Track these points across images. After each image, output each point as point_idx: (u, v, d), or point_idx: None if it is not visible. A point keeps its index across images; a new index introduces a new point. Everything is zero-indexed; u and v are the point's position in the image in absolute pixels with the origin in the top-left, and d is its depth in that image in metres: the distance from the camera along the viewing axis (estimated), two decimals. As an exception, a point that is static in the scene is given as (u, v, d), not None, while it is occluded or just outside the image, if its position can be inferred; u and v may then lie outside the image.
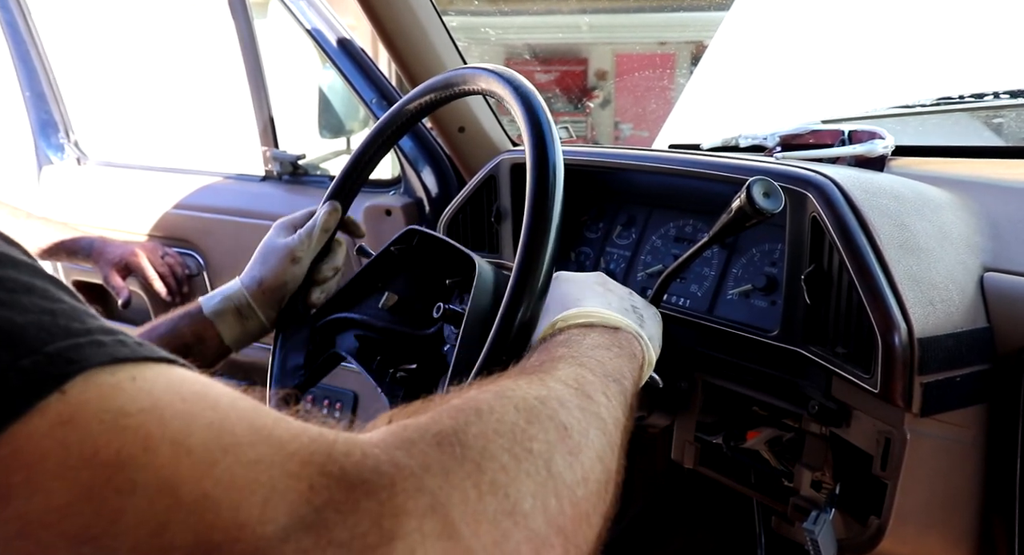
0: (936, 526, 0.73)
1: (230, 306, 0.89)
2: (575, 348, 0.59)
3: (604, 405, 0.52)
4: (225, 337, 0.88)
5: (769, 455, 0.95)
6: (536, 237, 0.63)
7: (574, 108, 4.96)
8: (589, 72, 5.28)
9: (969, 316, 0.71)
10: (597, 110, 5.07)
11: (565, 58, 5.34)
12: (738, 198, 0.70)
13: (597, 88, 5.15)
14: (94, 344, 0.31)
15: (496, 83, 0.74)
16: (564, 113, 4.91)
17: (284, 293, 0.90)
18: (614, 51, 5.34)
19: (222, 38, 1.68)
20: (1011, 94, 0.95)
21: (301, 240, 0.90)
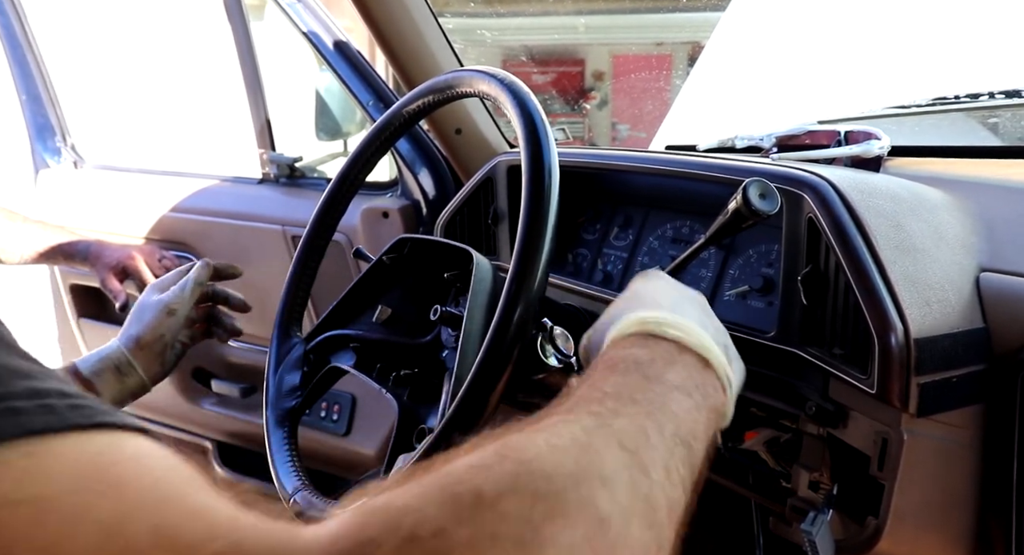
0: (933, 526, 0.73)
1: (108, 365, 0.94)
2: (652, 383, 0.46)
3: (661, 485, 0.40)
4: (104, 396, 0.90)
5: (767, 456, 0.95)
6: (532, 238, 0.63)
7: (571, 109, 4.97)
8: (586, 73, 5.29)
9: (965, 316, 0.71)
10: (594, 111, 5.07)
11: (562, 59, 5.35)
12: (734, 199, 0.70)
13: (594, 89, 5.16)
14: (7, 412, 0.27)
15: (492, 86, 0.74)
16: (561, 114, 4.92)
17: (163, 345, 0.96)
18: (611, 52, 5.34)
19: (218, 41, 1.68)
20: (1006, 94, 0.95)
21: (175, 294, 0.98)
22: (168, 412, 1.79)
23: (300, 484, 0.78)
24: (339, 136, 1.74)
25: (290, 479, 0.78)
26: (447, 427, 0.62)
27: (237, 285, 1.65)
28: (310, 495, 0.75)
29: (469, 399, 0.62)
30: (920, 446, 0.70)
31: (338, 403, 1.56)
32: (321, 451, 1.56)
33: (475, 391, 0.61)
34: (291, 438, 0.85)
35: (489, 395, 0.62)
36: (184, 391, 1.75)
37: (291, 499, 0.76)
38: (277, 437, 0.85)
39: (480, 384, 0.61)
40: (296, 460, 0.82)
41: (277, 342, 0.92)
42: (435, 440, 0.63)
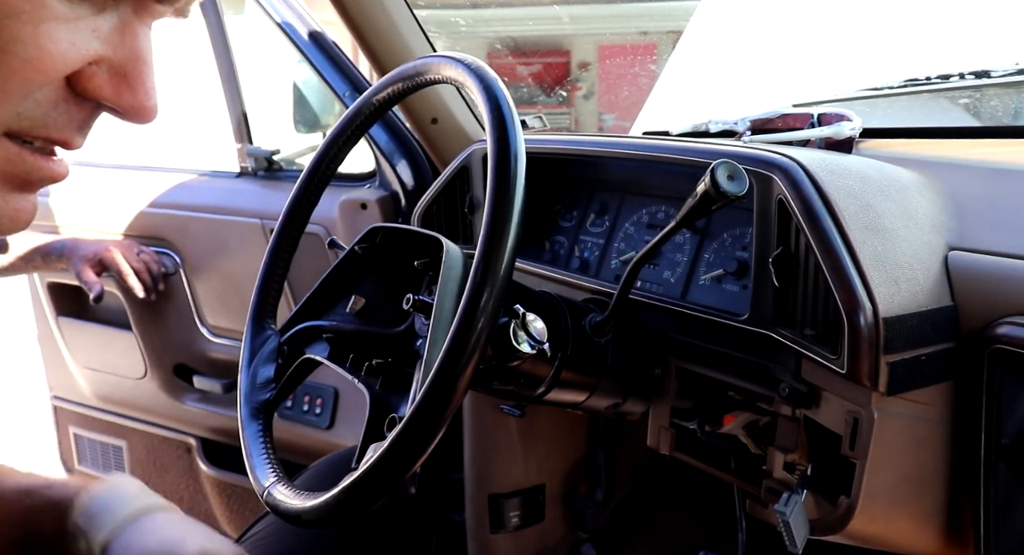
0: (905, 504, 0.74)
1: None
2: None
3: None
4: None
5: (747, 439, 0.96)
6: (498, 223, 0.62)
7: (558, 100, 4.96)
8: (572, 64, 5.28)
9: (934, 295, 0.71)
10: (581, 101, 5.06)
11: (548, 50, 5.34)
12: (703, 182, 0.70)
13: (580, 80, 5.15)
14: None
15: (460, 71, 0.73)
16: (548, 105, 4.91)
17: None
18: (597, 42, 5.34)
19: (193, 34, 1.66)
20: (976, 74, 0.95)
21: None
22: (151, 410, 1.78)
23: (275, 478, 0.77)
24: (318, 128, 1.73)
25: (264, 473, 0.78)
26: (415, 415, 0.62)
27: (215, 279, 1.65)
28: (284, 488, 0.75)
29: (437, 386, 0.61)
30: (891, 424, 0.70)
31: (321, 396, 1.56)
32: (304, 444, 1.56)
33: (442, 378, 0.61)
34: (266, 431, 0.84)
35: (457, 382, 0.61)
36: (166, 388, 1.75)
37: (265, 492, 0.75)
38: (252, 431, 0.84)
39: (447, 371, 0.61)
40: (271, 453, 0.81)
41: (251, 335, 0.91)
42: (403, 428, 0.63)
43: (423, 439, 0.62)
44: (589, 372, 0.89)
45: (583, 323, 0.88)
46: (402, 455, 0.63)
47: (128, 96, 0.40)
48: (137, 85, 0.41)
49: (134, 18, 0.40)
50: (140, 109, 0.41)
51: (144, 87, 0.41)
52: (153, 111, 0.42)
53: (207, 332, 1.70)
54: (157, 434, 1.82)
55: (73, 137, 0.41)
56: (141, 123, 0.42)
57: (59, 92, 0.39)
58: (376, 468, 0.64)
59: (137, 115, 0.41)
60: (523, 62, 5.11)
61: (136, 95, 0.41)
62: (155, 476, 1.87)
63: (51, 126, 0.40)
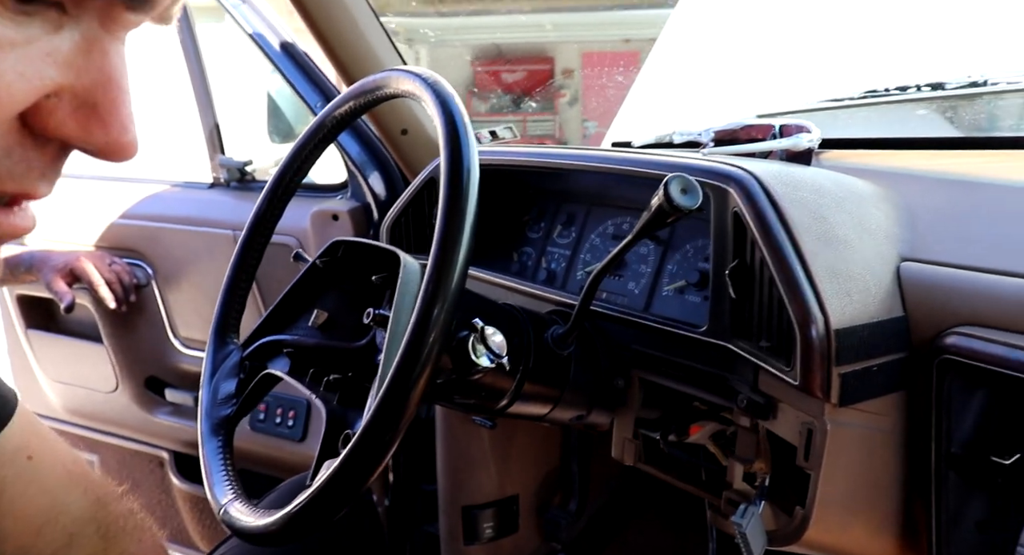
0: (860, 513, 0.74)
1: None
2: None
3: None
4: None
5: (715, 448, 0.96)
6: (449, 236, 0.63)
7: (542, 108, 4.98)
8: (556, 71, 5.30)
9: (885, 306, 0.72)
10: (565, 108, 5.09)
11: (532, 58, 5.36)
12: (657, 196, 0.71)
13: (564, 87, 5.17)
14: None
15: (417, 85, 0.74)
16: (533, 113, 4.93)
17: None
18: (580, 49, 5.36)
19: (165, 45, 1.66)
20: (931, 87, 0.97)
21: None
22: (122, 423, 1.76)
23: (233, 495, 0.76)
24: (292, 138, 1.72)
25: (222, 490, 0.77)
26: (366, 431, 0.62)
27: (188, 291, 1.64)
28: (242, 505, 0.74)
29: (388, 401, 0.61)
30: (844, 435, 0.71)
31: (294, 409, 1.55)
32: (278, 457, 1.55)
33: (394, 392, 0.61)
34: (226, 447, 0.84)
35: (409, 395, 0.61)
36: (138, 401, 1.73)
37: (222, 510, 0.75)
38: (211, 447, 0.83)
39: (399, 385, 0.61)
40: (230, 470, 0.81)
41: (213, 349, 0.91)
42: (355, 444, 0.62)
43: (375, 455, 0.62)
44: (552, 384, 0.89)
45: (545, 336, 0.88)
46: (354, 471, 0.63)
47: (99, 132, 0.33)
48: (110, 117, 0.33)
49: (101, 33, 0.33)
50: (115, 146, 0.34)
51: (119, 119, 0.33)
52: (132, 147, 0.35)
53: (179, 344, 1.69)
54: (129, 448, 1.80)
55: (36, 187, 0.34)
56: (118, 161, 0.35)
57: (11, 135, 0.32)
58: (328, 485, 0.63)
59: (113, 153, 0.34)
60: (507, 70, 5.12)
61: (109, 129, 0.33)
62: (127, 491, 1.84)
63: (5, 177, 0.33)
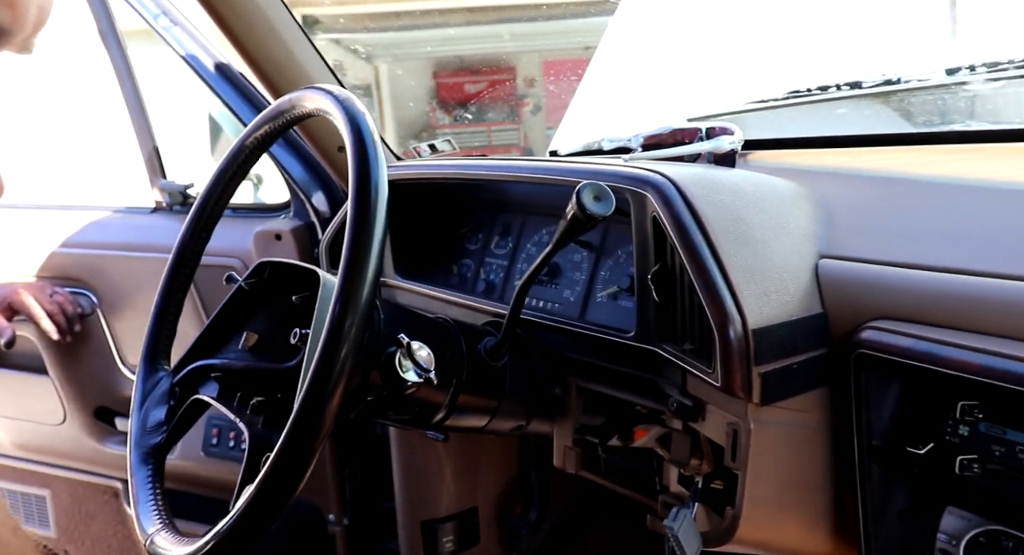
0: (790, 510, 0.75)
1: None
2: None
3: None
4: None
5: (663, 451, 0.96)
6: (357, 253, 0.62)
7: (505, 117, 4.99)
8: (518, 80, 5.31)
9: (804, 304, 0.73)
10: (529, 117, 5.10)
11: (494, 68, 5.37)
12: (571, 204, 0.71)
13: (527, 96, 5.19)
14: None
15: (326, 101, 0.73)
16: (496, 122, 4.94)
17: None
18: (542, 58, 5.39)
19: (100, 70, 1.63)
20: (850, 85, 0.98)
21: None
22: (73, 455, 1.72)
23: (160, 525, 0.75)
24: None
25: (149, 520, 0.76)
26: (281, 450, 0.61)
27: (134, 318, 1.61)
28: (167, 535, 0.73)
29: (302, 418, 0.61)
30: (769, 434, 0.71)
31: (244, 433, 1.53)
32: (231, 481, 1.52)
33: (307, 409, 0.60)
34: (155, 477, 0.82)
35: (323, 411, 0.61)
36: (88, 432, 1.69)
37: (148, 540, 0.73)
38: (140, 476, 0.82)
39: (311, 401, 0.60)
40: (159, 500, 0.79)
41: (143, 377, 0.89)
42: (271, 465, 0.62)
43: (293, 473, 0.61)
44: (488, 395, 0.89)
45: (478, 347, 0.88)
46: (273, 492, 0.62)
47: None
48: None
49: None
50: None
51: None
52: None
53: (128, 372, 1.66)
54: (81, 480, 1.76)
55: None
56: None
57: None
58: (248, 510, 0.62)
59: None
60: (470, 81, 5.13)
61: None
62: (81, 524, 1.80)
63: None
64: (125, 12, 1.51)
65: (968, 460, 0.63)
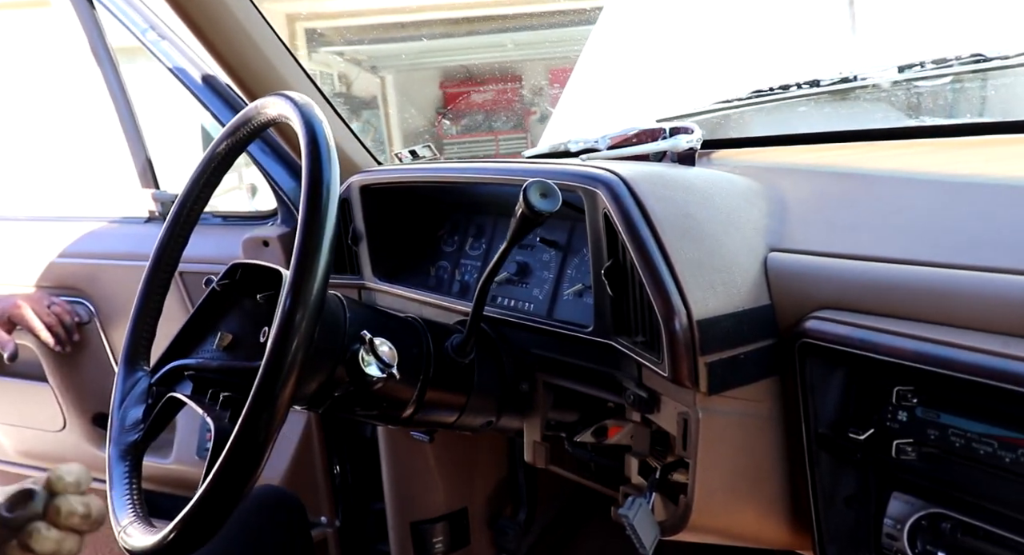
0: (744, 497, 0.76)
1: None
2: None
3: None
4: None
5: (639, 448, 0.98)
6: (308, 249, 0.65)
7: (513, 126, 5.03)
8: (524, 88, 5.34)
9: (751, 296, 0.74)
10: (536, 125, 5.13)
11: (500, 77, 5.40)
12: (519, 202, 0.73)
13: (534, 104, 5.22)
14: None
15: (285, 106, 0.76)
16: (504, 131, 4.97)
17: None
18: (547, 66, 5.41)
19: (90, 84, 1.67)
20: (809, 84, 1.00)
21: None
22: (72, 460, 1.75)
23: (134, 517, 0.78)
24: (229, 168, 1.74)
25: (124, 512, 0.79)
26: (236, 439, 0.64)
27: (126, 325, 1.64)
28: (138, 526, 0.75)
29: (255, 409, 0.63)
30: (719, 423, 0.73)
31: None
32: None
33: (260, 400, 0.63)
34: (132, 472, 0.85)
35: (275, 402, 0.63)
36: (87, 438, 1.73)
37: (121, 531, 0.76)
38: (118, 472, 0.85)
39: (264, 392, 0.63)
40: (135, 494, 0.82)
41: (122, 377, 0.92)
42: (227, 453, 0.64)
43: (248, 460, 0.64)
44: (455, 391, 0.91)
45: (445, 345, 0.90)
46: (230, 479, 0.64)
47: None
48: None
49: None
50: None
51: None
52: None
53: (125, 379, 1.69)
54: (82, 486, 1.79)
55: None
56: None
57: None
58: (206, 498, 0.65)
59: None
60: (476, 90, 5.17)
61: None
62: (83, 529, 1.83)
63: None
64: (116, 28, 1.56)
65: (904, 444, 0.64)
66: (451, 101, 5.05)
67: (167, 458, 1.63)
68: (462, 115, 5.03)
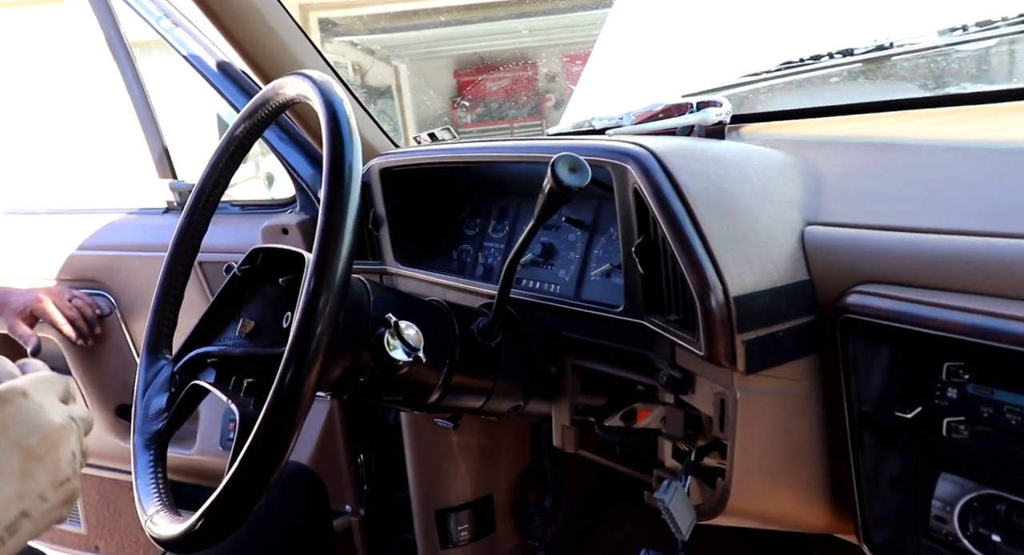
0: (783, 480, 0.74)
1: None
2: None
3: None
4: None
5: (666, 430, 0.96)
6: (331, 230, 0.63)
7: (528, 113, 5.00)
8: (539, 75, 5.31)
9: (788, 271, 0.72)
10: (552, 111, 5.10)
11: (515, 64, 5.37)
12: (547, 178, 0.71)
13: (549, 90, 5.18)
14: None
15: (304, 85, 0.74)
16: (519, 118, 4.94)
17: None
18: (562, 52, 5.37)
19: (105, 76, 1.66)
20: (842, 53, 0.96)
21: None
22: (99, 453, 1.76)
23: (160, 506, 0.77)
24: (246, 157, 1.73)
25: (150, 501, 0.78)
26: (262, 427, 0.62)
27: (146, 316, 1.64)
28: (165, 515, 0.74)
29: (280, 395, 0.61)
30: (756, 403, 0.70)
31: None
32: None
33: (285, 386, 0.61)
34: (157, 461, 0.84)
35: (300, 388, 0.61)
36: (111, 430, 1.73)
37: (148, 521, 0.75)
38: (143, 461, 0.84)
39: (288, 378, 0.61)
40: (160, 484, 0.81)
41: (145, 365, 0.91)
42: (252, 441, 0.62)
43: (274, 448, 0.62)
44: (483, 375, 0.89)
45: (471, 328, 0.88)
46: (255, 467, 0.63)
47: None
48: None
49: None
50: None
51: None
52: None
53: (147, 370, 1.69)
54: (108, 477, 1.80)
55: None
56: None
57: None
58: (231, 486, 0.63)
59: None
60: (491, 78, 5.14)
61: None
62: (110, 520, 1.85)
63: None
64: (130, 19, 1.54)
65: (956, 422, 0.62)
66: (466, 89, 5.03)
67: (190, 449, 1.63)
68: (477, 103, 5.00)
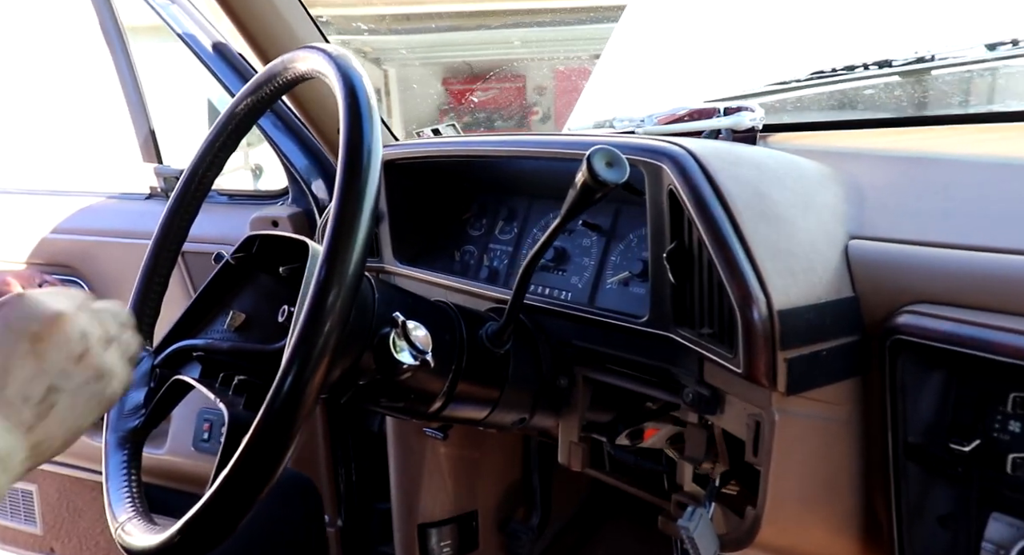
0: (817, 511, 0.68)
1: None
2: None
3: None
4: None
5: (673, 453, 0.90)
6: (345, 220, 0.57)
7: (515, 125, 4.97)
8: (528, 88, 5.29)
9: (833, 286, 0.67)
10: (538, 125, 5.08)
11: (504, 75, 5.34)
12: (581, 171, 0.65)
13: (537, 104, 5.16)
14: None
15: (318, 59, 0.68)
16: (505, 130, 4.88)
17: None
18: (552, 66, 5.35)
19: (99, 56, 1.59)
20: (878, 65, 0.93)
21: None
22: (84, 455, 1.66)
23: (133, 513, 0.69)
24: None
25: (122, 507, 0.70)
26: (258, 431, 0.55)
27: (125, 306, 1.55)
28: (139, 523, 0.67)
29: (281, 397, 0.55)
30: (795, 426, 0.65)
31: (233, 425, 1.47)
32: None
33: (286, 387, 0.55)
34: (131, 462, 0.76)
35: (303, 390, 0.55)
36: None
37: (118, 528, 0.68)
38: (115, 461, 0.76)
39: (291, 379, 0.55)
40: (133, 487, 0.73)
41: None
42: (247, 446, 0.56)
43: (268, 460, 0.56)
44: (489, 384, 0.83)
45: (480, 333, 0.82)
46: (248, 476, 0.56)
47: None
48: None
49: None
50: None
51: None
52: None
53: (118, 363, 1.60)
54: (69, 475, 1.70)
55: None
56: None
57: None
58: (220, 494, 0.57)
59: None
60: (479, 88, 5.09)
61: None
62: (68, 521, 1.74)
63: None
64: None
65: (1022, 458, 0.57)
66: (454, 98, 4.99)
67: (160, 448, 1.54)
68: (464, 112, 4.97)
